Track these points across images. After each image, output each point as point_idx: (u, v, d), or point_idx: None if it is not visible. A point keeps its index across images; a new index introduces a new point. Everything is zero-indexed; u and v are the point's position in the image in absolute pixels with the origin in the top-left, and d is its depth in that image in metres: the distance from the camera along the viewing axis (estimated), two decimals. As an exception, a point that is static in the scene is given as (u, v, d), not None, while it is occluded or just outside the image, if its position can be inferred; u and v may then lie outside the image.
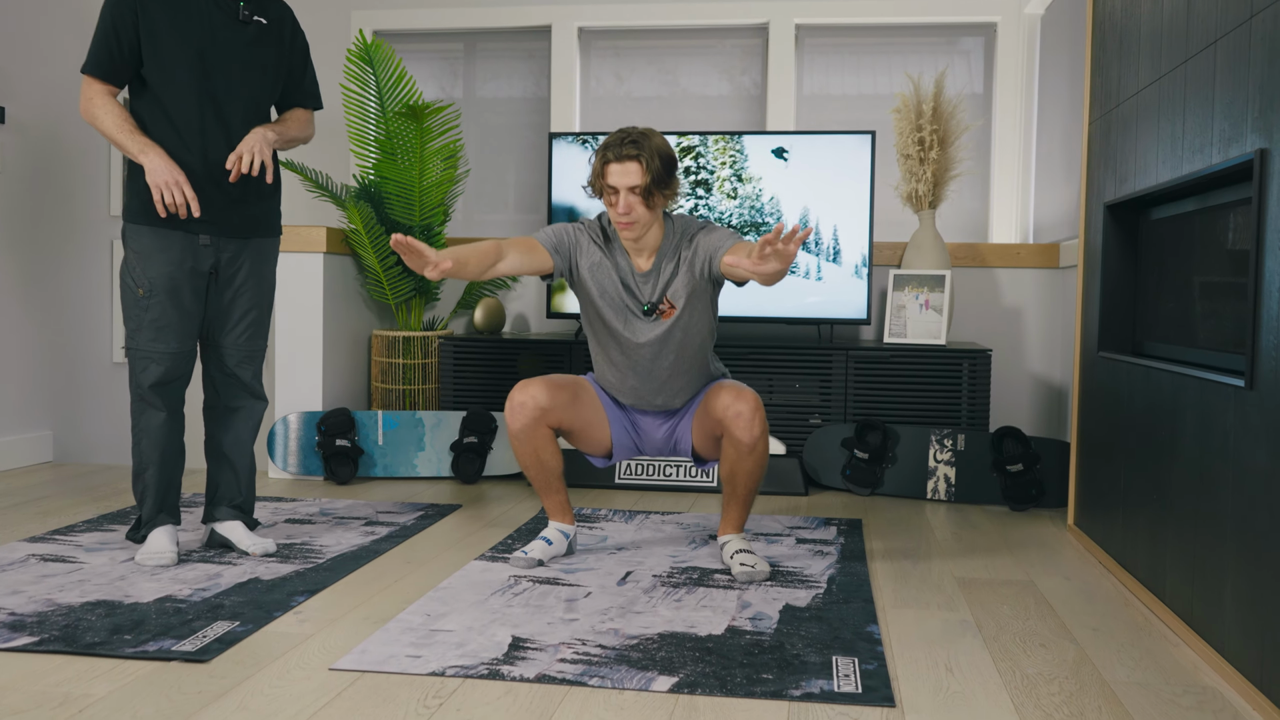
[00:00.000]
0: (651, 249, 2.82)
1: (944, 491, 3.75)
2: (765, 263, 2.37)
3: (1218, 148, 2.23)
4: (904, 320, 4.11)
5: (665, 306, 2.81)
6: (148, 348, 2.77)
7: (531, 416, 2.77)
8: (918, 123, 4.13)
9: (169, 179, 2.67)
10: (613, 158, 2.68)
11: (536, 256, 2.76)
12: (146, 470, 2.82)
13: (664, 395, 2.91)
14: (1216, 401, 2.20)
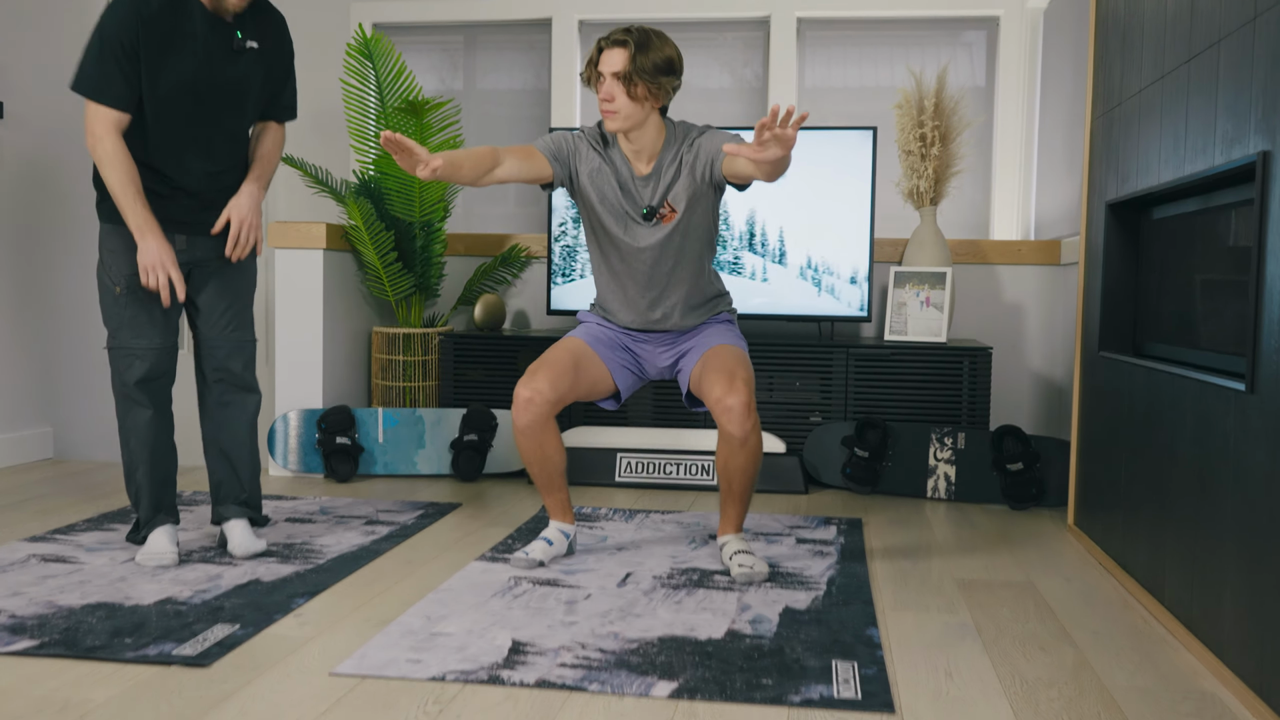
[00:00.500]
0: (651, 153, 2.79)
1: (944, 490, 3.75)
2: (766, 149, 2.29)
3: (1220, 149, 2.22)
4: (905, 318, 4.10)
5: (666, 210, 2.78)
6: (129, 344, 2.76)
7: (540, 412, 2.74)
8: (919, 119, 4.12)
9: (157, 262, 2.67)
10: (604, 44, 2.69)
11: (535, 163, 2.72)
12: (137, 470, 2.81)
13: (663, 306, 2.87)
14: (1217, 404, 2.20)
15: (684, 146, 2.78)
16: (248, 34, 2.77)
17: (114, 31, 2.61)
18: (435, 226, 4.37)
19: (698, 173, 2.74)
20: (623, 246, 2.82)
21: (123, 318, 2.75)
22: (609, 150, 2.81)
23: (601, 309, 2.97)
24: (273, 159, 2.92)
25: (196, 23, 2.68)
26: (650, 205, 2.78)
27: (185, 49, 2.67)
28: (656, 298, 2.86)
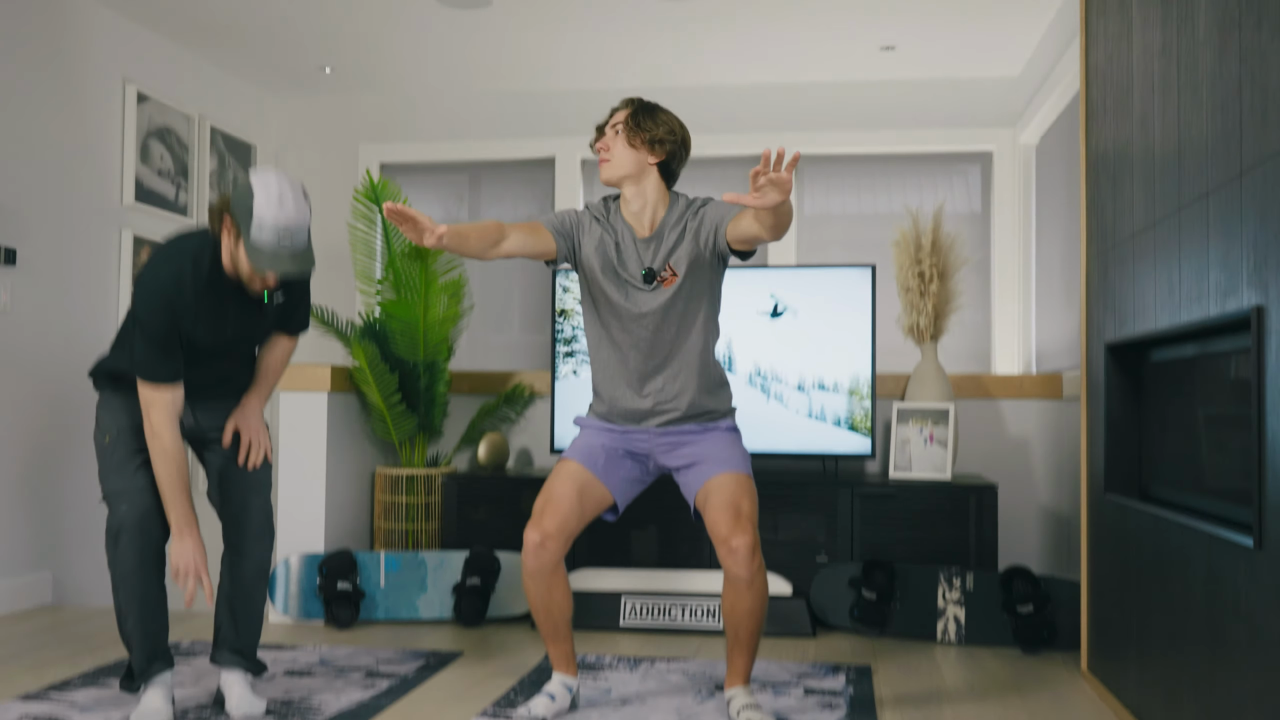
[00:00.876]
0: (653, 217, 2.79)
1: (954, 633, 3.67)
2: (764, 195, 2.29)
3: (1214, 299, 2.23)
4: (909, 454, 4.08)
5: (667, 274, 2.75)
6: (119, 487, 2.75)
7: (550, 558, 2.72)
8: (917, 256, 4.17)
9: (191, 565, 2.72)
10: (614, 108, 2.81)
11: (540, 238, 2.73)
12: (128, 620, 2.77)
13: (664, 379, 2.79)
14: (1226, 559, 2.16)
15: (689, 213, 2.79)
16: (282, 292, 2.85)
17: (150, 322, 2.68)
18: (439, 366, 4.39)
19: (702, 238, 2.73)
20: (623, 314, 2.77)
21: (111, 463, 2.78)
22: (611, 219, 2.83)
23: (599, 408, 2.88)
24: (278, 371, 3.01)
25: (227, 291, 2.75)
26: (650, 267, 2.76)
27: (218, 318, 2.76)
28: (658, 367, 2.79)
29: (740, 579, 2.66)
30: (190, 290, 2.68)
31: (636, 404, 2.81)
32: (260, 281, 2.70)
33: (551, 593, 2.76)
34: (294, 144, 5.76)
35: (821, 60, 5.03)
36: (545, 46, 4.91)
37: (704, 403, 2.83)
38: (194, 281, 2.68)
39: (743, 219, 2.58)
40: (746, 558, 2.64)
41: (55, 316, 4.34)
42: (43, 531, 4.27)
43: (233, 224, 2.62)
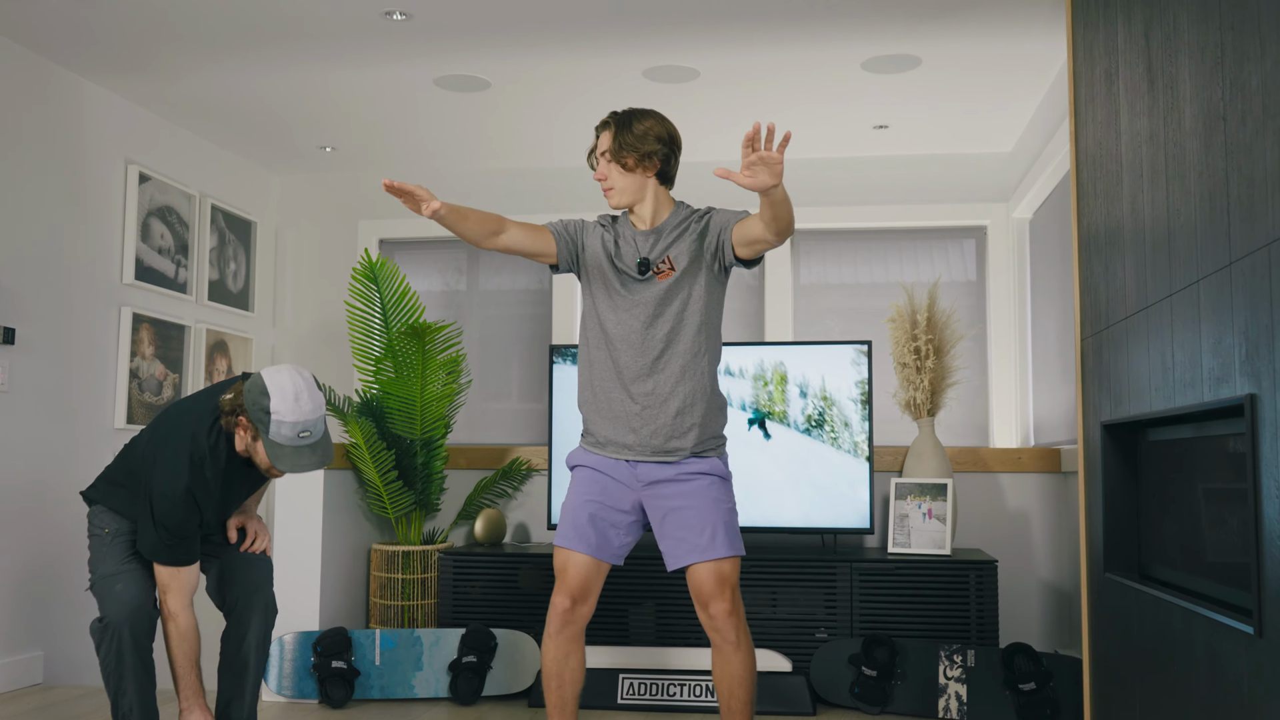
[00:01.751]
0: (655, 217, 2.80)
1: (956, 710, 3.64)
2: (755, 174, 2.32)
3: (1208, 385, 2.25)
4: (907, 529, 4.07)
5: (664, 267, 2.74)
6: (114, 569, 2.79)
7: (579, 624, 2.74)
8: (913, 332, 4.19)
9: None
10: (597, 129, 2.79)
11: (541, 239, 2.76)
12: (125, 697, 2.80)
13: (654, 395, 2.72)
14: (1227, 645, 2.15)
15: (693, 217, 2.80)
16: None
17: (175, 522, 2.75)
18: (436, 443, 4.39)
19: (707, 242, 2.74)
20: (618, 303, 2.75)
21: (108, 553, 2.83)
22: (617, 224, 2.85)
23: (590, 432, 2.83)
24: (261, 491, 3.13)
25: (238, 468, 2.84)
26: (646, 257, 2.75)
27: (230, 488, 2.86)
28: (649, 368, 2.73)
29: (727, 642, 2.68)
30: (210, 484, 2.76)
31: (626, 407, 2.74)
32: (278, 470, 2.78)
33: (568, 660, 2.76)
34: (294, 221, 5.81)
35: (817, 138, 5.10)
36: (542, 126, 4.98)
37: (695, 419, 2.74)
38: (213, 476, 2.76)
39: (747, 222, 2.60)
40: (725, 620, 2.65)
41: (53, 395, 4.34)
42: (35, 611, 4.23)
43: (249, 423, 2.68)
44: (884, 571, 3.92)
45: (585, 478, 2.81)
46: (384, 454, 4.17)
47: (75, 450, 4.44)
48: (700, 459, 2.76)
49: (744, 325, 5.45)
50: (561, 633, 2.74)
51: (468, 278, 5.73)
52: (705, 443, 2.77)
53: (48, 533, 4.31)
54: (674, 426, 2.74)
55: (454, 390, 4.41)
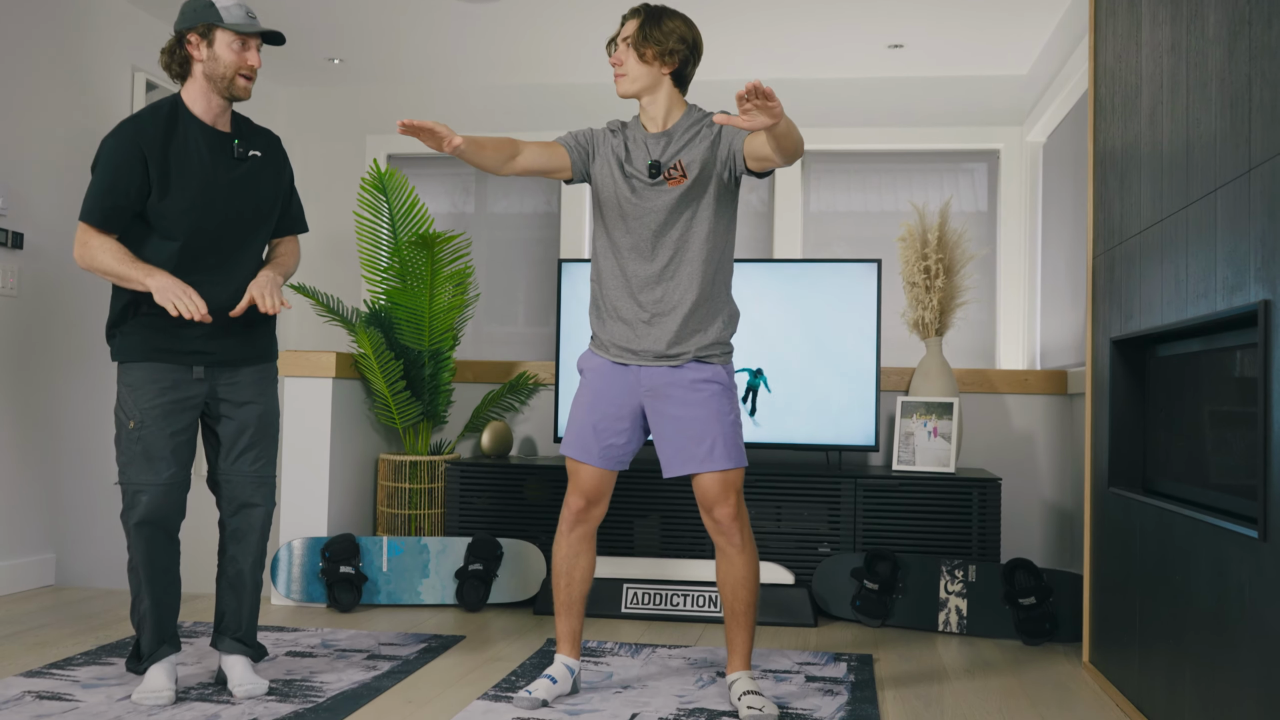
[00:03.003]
0: (666, 119, 2.79)
1: (955, 624, 3.69)
2: (753, 118, 2.33)
3: (1221, 295, 2.25)
4: (912, 448, 4.09)
5: (675, 173, 2.73)
6: (137, 480, 2.74)
7: (591, 524, 2.84)
8: (923, 251, 4.18)
9: (172, 285, 2.67)
10: (625, 17, 2.79)
11: (555, 155, 2.77)
12: (143, 603, 2.78)
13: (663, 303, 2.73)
14: (1231, 551, 2.17)
15: (705, 122, 2.79)
16: (245, 144, 2.86)
17: (104, 156, 2.71)
18: (444, 355, 4.40)
19: (720, 150, 2.73)
20: (627, 212, 2.75)
21: (134, 453, 2.74)
22: (628, 129, 2.84)
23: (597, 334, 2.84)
24: (289, 257, 2.98)
25: (195, 138, 2.78)
26: (657, 160, 2.74)
27: (189, 165, 2.75)
28: (658, 276, 2.73)
29: (731, 545, 2.74)
30: (153, 128, 2.71)
31: (635, 313, 2.75)
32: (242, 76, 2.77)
33: (578, 559, 2.84)
34: (301, 134, 5.77)
35: (830, 57, 5.04)
36: (555, 40, 4.91)
37: (700, 325, 2.75)
38: (153, 121, 2.72)
39: (757, 135, 2.59)
40: (729, 523, 2.72)
41: (61, 301, 4.35)
42: (46, 514, 4.28)
43: (198, 37, 2.73)
44: (888, 488, 3.95)
45: (589, 386, 2.85)
46: (392, 364, 4.18)
47: (83, 357, 4.46)
48: (704, 364, 2.77)
49: (753, 251, 5.42)
50: (574, 530, 2.84)
51: (475, 200, 5.70)
52: (710, 349, 2.78)
53: (56, 438, 4.34)
54: (680, 332, 2.75)
55: (462, 302, 4.41)
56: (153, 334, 2.76)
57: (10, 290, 4.09)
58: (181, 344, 2.77)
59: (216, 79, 2.76)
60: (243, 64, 2.77)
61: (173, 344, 2.76)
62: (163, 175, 2.72)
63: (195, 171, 2.76)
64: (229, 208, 2.81)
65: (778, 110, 2.33)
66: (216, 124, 2.82)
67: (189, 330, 2.78)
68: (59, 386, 4.34)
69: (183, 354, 2.78)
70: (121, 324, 2.79)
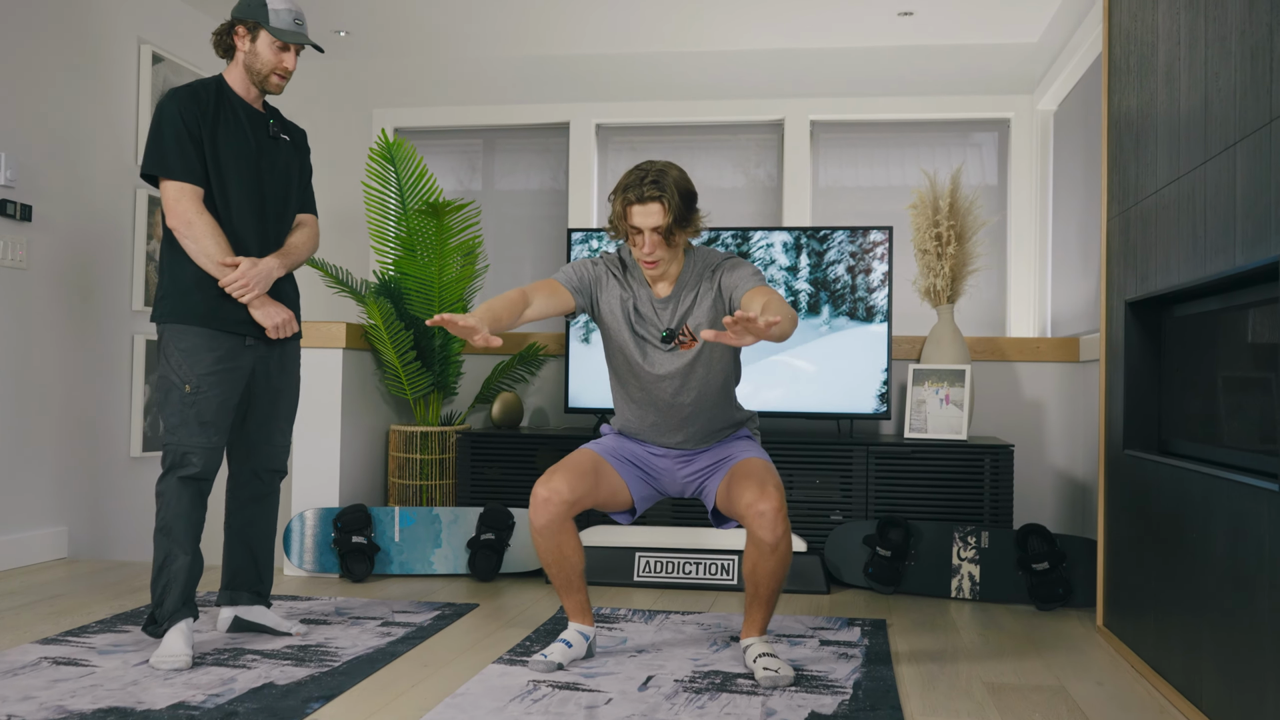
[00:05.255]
0: (671, 278, 2.81)
1: (968, 590, 3.68)
2: (740, 336, 2.33)
3: (1241, 250, 2.23)
4: (924, 415, 4.08)
5: (685, 337, 2.78)
6: (189, 442, 2.82)
7: (557, 512, 2.73)
8: (934, 218, 4.16)
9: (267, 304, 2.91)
10: (634, 199, 2.67)
11: (560, 297, 2.78)
12: (176, 561, 2.82)
13: (684, 433, 2.88)
14: (1249, 506, 2.16)
15: (705, 272, 2.81)
16: (278, 125, 3.02)
17: (175, 115, 2.82)
18: (454, 325, 4.39)
19: (718, 305, 2.78)
20: (643, 375, 2.82)
21: (187, 415, 2.82)
22: (628, 275, 2.85)
23: (622, 429, 2.98)
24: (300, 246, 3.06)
25: (238, 111, 2.93)
26: (669, 328, 2.80)
27: (235, 132, 2.90)
28: (679, 424, 2.87)
29: (766, 543, 2.68)
30: (205, 96, 2.86)
31: (655, 440, 2.92)
32: (276, 75, 2.90)
33: (561, 548, 2.79)
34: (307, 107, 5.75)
35: (838, 25, 5.00)
36: (560, 11, 4.88)
37: (722, 435, 2.94)
38: (204, 94, 2.86)
39: (752, 302, 2.60)
40: (773, 520, 2.66)
41: (70, 273, 4.34)
42: (57, 487, 4.29)
43: (245, 30, 2.87)
44: (900, 455, 3.94)
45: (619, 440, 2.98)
46: (402, 335, 4.17)
47: (92, 330, 4.45)
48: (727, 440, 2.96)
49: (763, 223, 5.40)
50: (544, 528, 2.75)
51: (483, 176, 5.68)
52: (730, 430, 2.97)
53: (66, 410, 4.34)
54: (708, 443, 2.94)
55: (471, 273, 4.40)
56: (212, 300, 2.85)
57: (19, 262, 4.08)
58: (237, 312, 2.89)
59: (253, 72, 2.93)
60: (279, 65, 2.93)
61: (229, 312, 2.87)
62: (212, 142, 2.85)
63: (240, 143, 2.91)
64: (265, 182, 2.95)
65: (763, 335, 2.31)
66: (254, 105, 2.99)
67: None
68: (68, 360, 4.34)
69: (236, 322, 2.89)
70: (181, 288, 2.86)
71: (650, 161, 2.73)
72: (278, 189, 2.99)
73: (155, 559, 2.84)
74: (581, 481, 2.78)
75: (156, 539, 2.84)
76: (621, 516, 2.96)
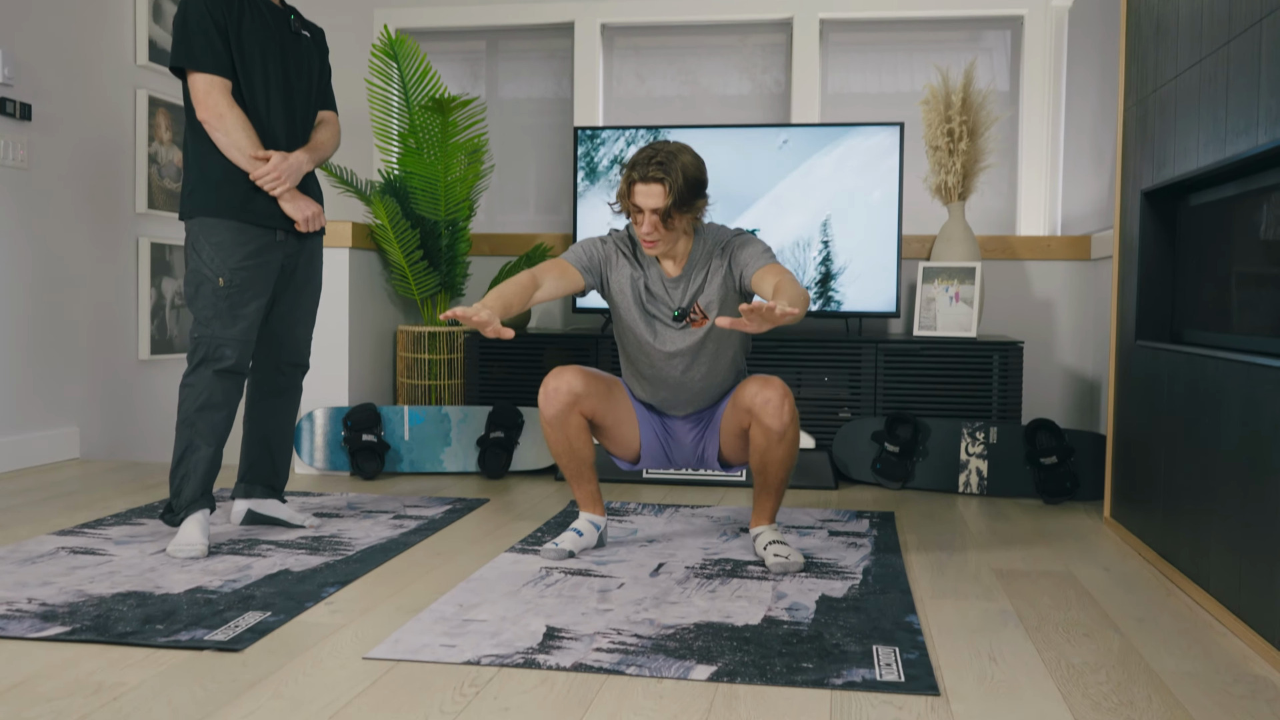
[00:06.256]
0: (681, 256, 2.80)
1: (976, 485, 3.70)
2: (758, 325, 2.32)
3: (1264, 127, 2.19)
4: (934, 313, 4.07)
5: (696, 315, 2.78)
6: (223, 334, 2.83)
7: (565, 402, 2.74)
8: (947, 114, 4.09)
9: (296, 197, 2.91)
10: (638, 178, 2.65)
11: (569, 278, 2.77)
12: (199, 451, 2.84)
13: (694, 405, 2.90)
14: (1264, 386, 2.15)
15: (715, 251, 2.78)
16: (298, 23, 2.99)
17: (201, 8, 2.78)
18: (460, 226, 4.36)
19: (729, 284, 2.77)
20: (652, 353, 2.81)
21: (220, 309, 2.83)
22: (638, 253, 2.82)
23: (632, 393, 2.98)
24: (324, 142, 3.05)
25: (260, 6, 2.91)
26: (680, 307, 2.79)
27: (259, 27, 2.87)
28: (688, 400, 2.88)
29: (773, 430, 2.69)
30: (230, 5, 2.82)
31: (664, 409, 2.92)
32: None
33: (571, 440, 2.80)
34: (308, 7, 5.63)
35: (850, -84, 4.87)
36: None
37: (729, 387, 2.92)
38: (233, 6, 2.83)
39: (764, 281, 2.60)
40: (778, 406, 2.67)
41: (73, 173, 4.30)
42: (67, 388, 4.30)
43: None
44: (909, 353, 3.93)
45: None
46: (409, 234, 4.14)
47: (98, 233, 4.43)
48: None
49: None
50: (554, 419, 2.77)
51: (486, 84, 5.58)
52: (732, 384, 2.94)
53: (73, 312, 4.33)
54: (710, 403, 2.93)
55: (477, 172, 4.35)
56: (242, 194, 2.84)
57: (21, 162, 4.04)
58: (267, 205, 2.88)
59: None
60: None
61: (259, 205, 2.86)
62: (238, 36, 2.82)
63: (265, 38, 2.88)
64: (291, 77, 2.93)
65: (778, 322, 2.30)
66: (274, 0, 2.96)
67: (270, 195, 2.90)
68: (74, 263, 4.31)
69: (267, 215, 2.88)
70: (210, 182, 2.84)
71: (665, 141, 2.70)
72: (303, 84, 2.97)
73: (176, 450, 2.86)
74: (594, 383, 2.80)
75: (179, 430, 2.86)
76: (624, 464, 2.98)
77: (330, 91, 3.14)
